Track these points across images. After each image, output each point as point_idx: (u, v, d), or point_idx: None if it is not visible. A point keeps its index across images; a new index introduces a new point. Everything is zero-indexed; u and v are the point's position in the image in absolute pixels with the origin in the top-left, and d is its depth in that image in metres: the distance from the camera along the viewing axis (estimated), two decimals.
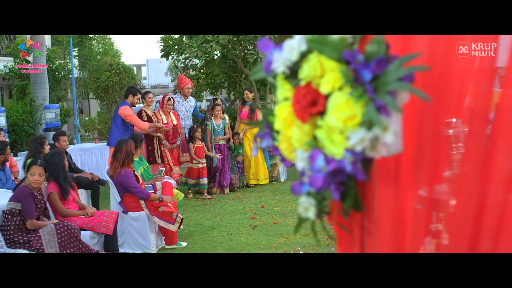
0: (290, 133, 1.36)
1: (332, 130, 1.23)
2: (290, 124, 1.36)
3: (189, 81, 11.03)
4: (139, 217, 6.87)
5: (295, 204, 9.40)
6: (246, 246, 6.99)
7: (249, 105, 11.36)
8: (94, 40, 17.93)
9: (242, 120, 11.35)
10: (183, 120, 10.73)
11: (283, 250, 6.72)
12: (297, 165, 1.32)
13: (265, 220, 8.40)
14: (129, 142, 6.99)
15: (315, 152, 1.26)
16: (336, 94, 1.23)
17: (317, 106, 1.28)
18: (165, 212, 6.87)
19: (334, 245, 6.74)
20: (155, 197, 6.91)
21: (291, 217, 8.52)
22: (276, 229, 7.78)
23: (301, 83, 1.31)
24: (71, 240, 5.63)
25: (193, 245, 7.19)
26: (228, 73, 16.44)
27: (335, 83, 1.23)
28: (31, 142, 8.02)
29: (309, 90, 1.28)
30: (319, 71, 1.27)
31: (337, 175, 1.24)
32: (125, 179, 6.82)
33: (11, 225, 5.47)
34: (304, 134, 1.31)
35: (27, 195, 5.54)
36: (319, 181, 1.24)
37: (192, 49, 14.73)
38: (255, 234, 7.60)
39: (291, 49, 1.31)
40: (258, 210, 9.13)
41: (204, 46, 14.60)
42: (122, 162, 6.89)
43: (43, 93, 13.50)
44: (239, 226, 8.04)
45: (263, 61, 1.39)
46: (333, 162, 1.21)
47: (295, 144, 1.34)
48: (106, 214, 6.26)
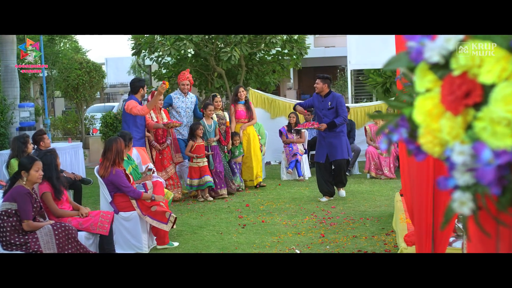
0: (436, 126, 1.31)
1: (496, 122, 1.19)
2: (436, 117, 1.31)
3: (186, 77, 10.41)
4: (131, 217, 6.74)
5: (279, 203, 9.39)
6: (239, 245, 6.92)
7: (243, 103, 11.01)
8: (65, 39, 17.58)
9: (240, 120, 10.99)
10: (184, 117, 10.31)
11: (278, 249, 6.67)
12: (453, 159, 1.27)
13: (253, 218, 8.34)
14: (118, 141, 6.87)
15: (479, 145, 1.21)
16: (504, 85, 1.18)
17: (473, 97, 1.23)
18: (157, 212, 6.77)
19: (328, 243, 6.77)
20: (147, 196, 6.80)
21: (278, 215, 8.48)
22: (266, 228, 7.73)
23: (454, 73, 1.26)
24: (69, 241, 5.49)
25: (184, 245, 7.08)
26: (199, 71, 16.37)
27: (503, 73, 1.19)
28: (14, 141, 7.83)
29: (465, 80, 1.24)
30: (478, 61, 1.22)
31: (502, 168, 1.20)
32: (117, 179, 6.69)
33: (7, 226, 5.30)
34: (458, 126, 1.26)
35: (24, 194, 5.37)
36: (489, 175, 1.19)
37: (165, 47, 14.63)
38: (245, 233, 7.53)
39: (448, 38, 1.26)
40: (243, 208, 9.07)
41: (178, 44, 14.52)
42: (113, 161, 6.77)
43: (14, 92, 13.17)
44: (227, 225, 7.97)
45: (235, 58, 1.32)
46: (505, 155, 1.17)
47: (446, 137, 1.29)
48: (102, 214, 6.12)
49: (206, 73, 16.42)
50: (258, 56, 16.85)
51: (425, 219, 3.88)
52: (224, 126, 10.55)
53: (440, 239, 3.94)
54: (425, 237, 3.90)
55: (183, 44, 14.38)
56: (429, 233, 3.89)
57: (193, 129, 9.78)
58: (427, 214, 3.86)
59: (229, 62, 14.83)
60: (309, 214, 8.52)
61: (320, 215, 8.44)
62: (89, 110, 20.61)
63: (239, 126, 11.02)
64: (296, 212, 8.68)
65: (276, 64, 16.77)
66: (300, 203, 9.40)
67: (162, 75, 16.96)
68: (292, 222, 8.01)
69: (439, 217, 3.85)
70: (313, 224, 7.88)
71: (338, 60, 26.13)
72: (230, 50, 14.62)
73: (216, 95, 10.74)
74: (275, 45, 15.38)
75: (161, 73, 16.88)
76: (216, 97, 10.72)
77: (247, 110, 11.01)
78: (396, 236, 6.73)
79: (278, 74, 17.18)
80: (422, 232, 3.91)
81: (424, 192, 3.84)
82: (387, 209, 8.54)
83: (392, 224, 7.59)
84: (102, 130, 16.21)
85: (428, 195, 3.82)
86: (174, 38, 14.60)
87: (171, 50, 14.57)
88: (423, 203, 3.85)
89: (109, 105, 24.96)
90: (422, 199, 3.88)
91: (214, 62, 15.61)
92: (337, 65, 27.97)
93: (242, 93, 10.99)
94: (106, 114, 16.41)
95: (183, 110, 10.32)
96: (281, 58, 16.83)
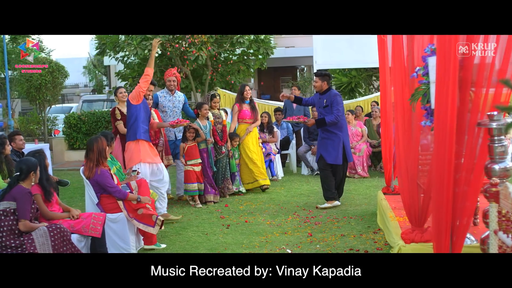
0: None
1: None
2: None
3: (172, 73, 9.85)
4: (118, 219, 6.61)
5: (258, 203, 9.37)
6: (228, 245, 6.86)
7: (248, 103, 10.36)
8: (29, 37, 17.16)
9: (244, 120, 10.31)
10: (171, 117, 9.65)
11: (268, 249, 6.65)
12: None
13: (235, 219, 8.29)
14: (99, 140, 6.72)
15: None
16: None
17: None
18: (144, 215, 6.65)
19: (318, 242, 6.78)
20: (133, 197, 6.68)
21: (260, 215, 8.45)
22: (251, 228, 7.69)
23: None
24: (64, 243, 5.36)
25: (172, 246, 6.99)
26: (164, 71, 16.20)
27: None
28: None
29: None
30: None
31: None
32: (102, 179, 6.55)
33: (4, 226, 5.17)
34: None
35: (25, 194, 5.28)
36: None
37: (131, 47, 14.46)
38: (231, 233, 7.48)
39: None
40: (223, 209, 9.00)
41: (144, 44, 14.37)
42: (96, 160, 6.62)
43: None
44: (211, 225, 7.89)
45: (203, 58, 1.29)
46: None
47: None
48: (94, 216, 5.98)
49: None
50: (223, 56, 16.80)
51: (445, 218, 3.93)
52: (221, 125, 9.98)
53: (458, 236, 4.00)
54: (444, 234, 3.95)
55: (150, 44, 14.21)
56: (448, 230, 3.94)
57: (184, 131, 9.40)
58: (447, 213, 3.91)
59: (196, 62, 14.74)
60: (291, 213, 8.51)
61: (303, 214, 8.45)
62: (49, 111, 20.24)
63: (242, 127, 10.38)
64: (278, 212, 8.67)
65: (241, 63, 16.74)
66: (279, 202, 9.39)
67: (126, 75, 16.75)
68: (276, 222, 7.99)
69: (458, 215, 3.91)
70: (297, 223, 7.88)
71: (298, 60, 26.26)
72: (197, 50, 14.52)
73: (214, 95, 10.15)
74: (242, 45, 15.36)
75: (126, 73, 16.66)
76: (215, 98, 10.08)
77: (252, 110, 10.42)
78: (385, 234, 6.77)
79: (243, 74, 17.15)
80: (441, 230, 3.96)
81: (445, 192, 3.89)
82: (368, 208, 8.61)
83: (377, 222, 7.64)
84: (65, 131, 15.92)
85: (449, 195, 3.88)
86: (140, 37, 14.46)
87: (137, 49, 14.41)
88: (444, 202, 3.91)
89: (67, 106, 24.56)
90: (442, 199, 3.93)
91: (180, 62, 15.47)
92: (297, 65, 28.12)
93: (248, 92, 10.39)
94: (69, 115, 16.13)
95: (169, 110, 9.74)
96: (246, 58, 16.81)
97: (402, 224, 6.25)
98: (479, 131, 3.80)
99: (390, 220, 6.52)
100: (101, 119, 15.73)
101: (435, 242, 4.13)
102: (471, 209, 3.93)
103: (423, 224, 5.48)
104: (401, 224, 6.24)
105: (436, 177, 4.03)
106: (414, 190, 5.45)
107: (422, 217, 5.45)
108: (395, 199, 7.66)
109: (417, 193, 5.44)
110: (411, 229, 5.55)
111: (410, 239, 5.43)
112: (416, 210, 5.48)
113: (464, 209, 3.94)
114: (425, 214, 5.43)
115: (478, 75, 3.81)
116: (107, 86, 31.34)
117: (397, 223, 6.33)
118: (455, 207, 3.88)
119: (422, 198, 5.42)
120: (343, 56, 15.50)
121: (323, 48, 15.47)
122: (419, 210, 5.45)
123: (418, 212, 5.47)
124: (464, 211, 3.94)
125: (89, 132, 15.58)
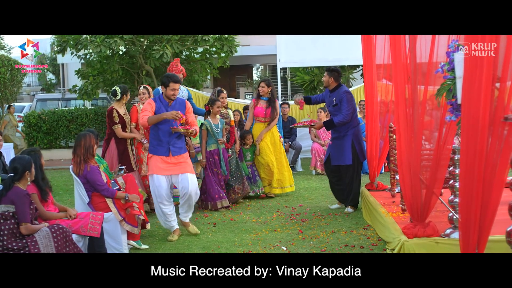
0: None
1: None
2: None
3: (176, 66, 9.16)
4: (109, 218, 6.46)
5: (238, 201, 9.29)
6: (220, 243, 6.82)
7: (265, 100, 9.57)
8: None
9: (258, 118, 9.62)
10: None
11: (262, 246, 6.62)
12: None
13: (219, 217, 8.25)
14: (87, 136, 6.57)
15: None
16: None
17: None
18: (131, 215, 6.55)
19: (310, 239, 6.80)
20: (121, 195, 6.55)
21: (244, 213, 8.44)
22: (238, 226, 7.66)
23: None
24: (67, 243, 5.22)
25: (163, 245, 6.91)
26: (126, 69, 16.00)
27: None
28: None
29: None
30: None
31: None
32: (91, 175, 6.40)
33: (5, 230, 4.97)
34: None
35: (23, 196, 5.06)
36: None
37: (95, 44, 14.20)
38: (220, 231, 7.44)
39: None
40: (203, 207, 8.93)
41: (108, 41, 14.13)
42: (83, 156, 6.48)
43: None
44: (196, 224, 7.78)
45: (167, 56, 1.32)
46: None
47: None
48: (92, 216, 5.84)
49: (133, 71, 16.07)
50: (185, 54, 16.67)
51: (474, 212, 4.01)
52: (228, 125, 9.29)
53: (483, 229, 4.09)
54: (473, 228, 4.03)
55: (114, 41, 14.00)
56: (476, 225, 4.03)
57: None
58: (476, 207, 4.00)
59: (161, 59, 14.59)
60: (274, 211, 8.52)
61: (286, 211, 8.47)
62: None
63: (257, 127, 9.71)
64: (261, 210, 8.66)
65: (204, 62, 16.65)
66: (260, 200, 9.39)
67: (87, 73, 16.45)
68: (262, 219, 7.98)
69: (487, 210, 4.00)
70: (284, 220, 7.90)
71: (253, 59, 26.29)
72: (162, 48, 14.37)
73: (221, 90, 9.30)
74: (206, 43, 15.26)
75: (88, 71, 16.35)
76: (222, 93, 9.25)
77: (268, 109, 9.54)
78: (377, 230, 6.84)
79: (205, 73, 17.07)
80: (470, 223, 4.05)
81: (475, 188, 3.98)
82: None
83: (363, 218, 7.72)
84: (25, 130, 15.54)
85: (478, 190, 3.96)
86: (104, 35, 14.20)
87: (101, 47, 14.15)
88: (473, 197, 4.00)
89: (19, 105, 23.95)
90: (472, 194, 4.01)
91: (143, 60, 15.29)
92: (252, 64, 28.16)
93: (262, 89, 9.54)
94: (29, 114, 15.74)
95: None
96: (209, 56, 16.73)
97: (397, 220, 6.33)
98: (504, 126, 3.88)
99: (384, 216, 6.59)
100: (62, 118, 15.42)
101: (463, 238, 4.20)
102: (495, 204, 4.02)
103: (425, 219, 5.56)
104: (397, 220, 6.32)
105: (464, 172, 4.10)
106: (416, 185, 5.52)
107: (424, 212, 5.53)
108: (380, 195, 7.78)
109: (419, 188, 5.51)
110: (413, 224, 5.62)
111: (413, 234, 5.50)
112: (418, 205, 5.55)
113: (489, 204, 4.02)
114: (427, 209, 5.52)
115: (503, 71, 3.90)
116: (56, 85, 30.77)
117: (392, 218, 6.41)
118: (483, 203, 3.99)
119: (424, 193, 5.50)
120: (307, 55, 15.56)
121: (286, 47, 15.52)
122: (421, 205, 5.53)
123: (420, 207, 5.54)
124: (489, 206, 4.03)
125: (49, 131, 15.23)
